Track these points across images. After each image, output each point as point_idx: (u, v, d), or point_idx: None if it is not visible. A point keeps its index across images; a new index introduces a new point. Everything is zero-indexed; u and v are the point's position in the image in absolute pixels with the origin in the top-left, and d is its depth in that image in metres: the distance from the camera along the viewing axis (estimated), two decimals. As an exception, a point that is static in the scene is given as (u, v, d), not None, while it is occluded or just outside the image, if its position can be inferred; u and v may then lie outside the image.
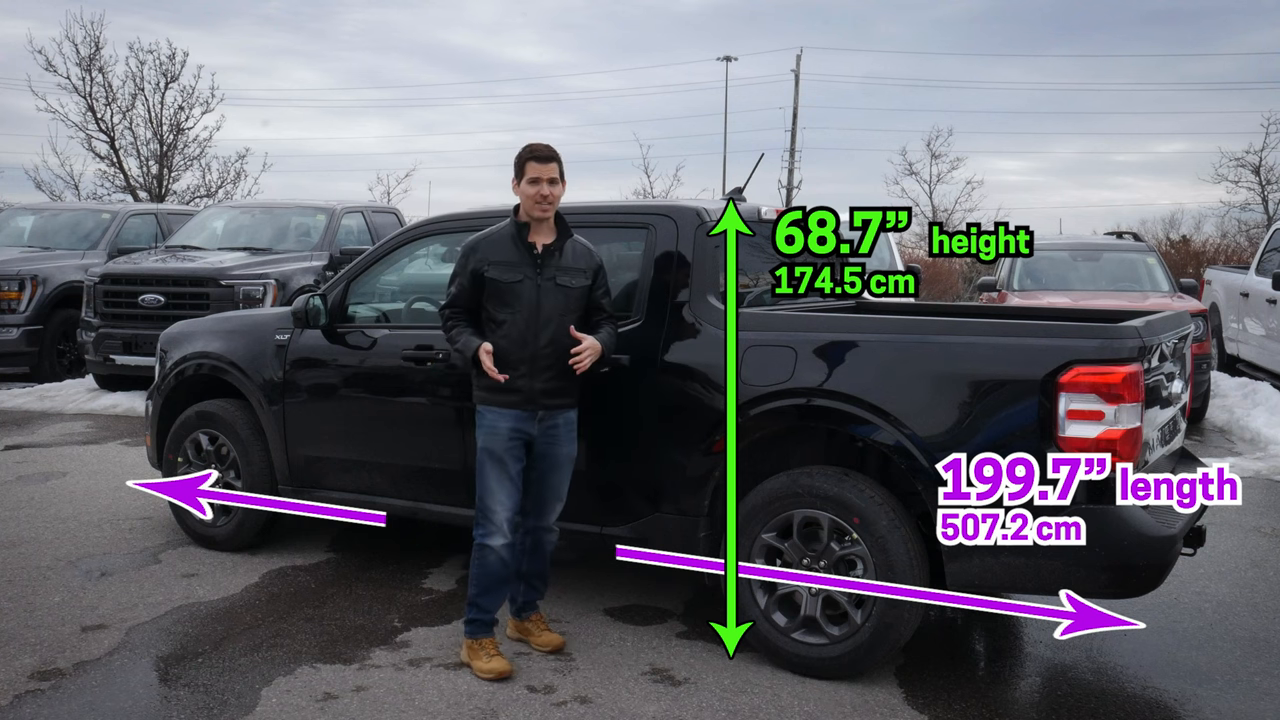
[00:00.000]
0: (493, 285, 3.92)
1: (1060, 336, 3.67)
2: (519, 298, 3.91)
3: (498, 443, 3.92)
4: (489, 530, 3.92)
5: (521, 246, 3.94)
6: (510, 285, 3.91)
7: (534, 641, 4.15)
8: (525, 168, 3.92)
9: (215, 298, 9.79)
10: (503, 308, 3.92)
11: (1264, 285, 10.50)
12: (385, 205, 14.58)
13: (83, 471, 7.21)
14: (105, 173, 25.75)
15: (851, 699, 3.73)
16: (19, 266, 11.17)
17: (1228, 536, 5.82)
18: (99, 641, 4.17)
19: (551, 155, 3.94)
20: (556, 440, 4.00)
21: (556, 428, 3.99)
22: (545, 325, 3.90)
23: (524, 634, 4.20)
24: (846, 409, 3.85)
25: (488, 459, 3.94)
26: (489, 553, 3.92)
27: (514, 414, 3.92)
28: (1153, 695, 3.86)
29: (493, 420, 3.93)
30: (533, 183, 3.90)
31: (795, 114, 34.42)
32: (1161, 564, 3.60)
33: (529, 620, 4.21)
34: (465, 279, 3.97)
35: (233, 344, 5.37)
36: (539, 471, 4.03)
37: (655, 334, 4.23)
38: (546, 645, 4.12)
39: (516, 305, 3.91)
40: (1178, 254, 22.40)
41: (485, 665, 3.88)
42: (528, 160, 3.92)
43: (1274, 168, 26.91)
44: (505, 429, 3.92)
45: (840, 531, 3.83)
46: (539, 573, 4.18)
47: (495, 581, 3.96)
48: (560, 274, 3.95)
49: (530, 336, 3.90)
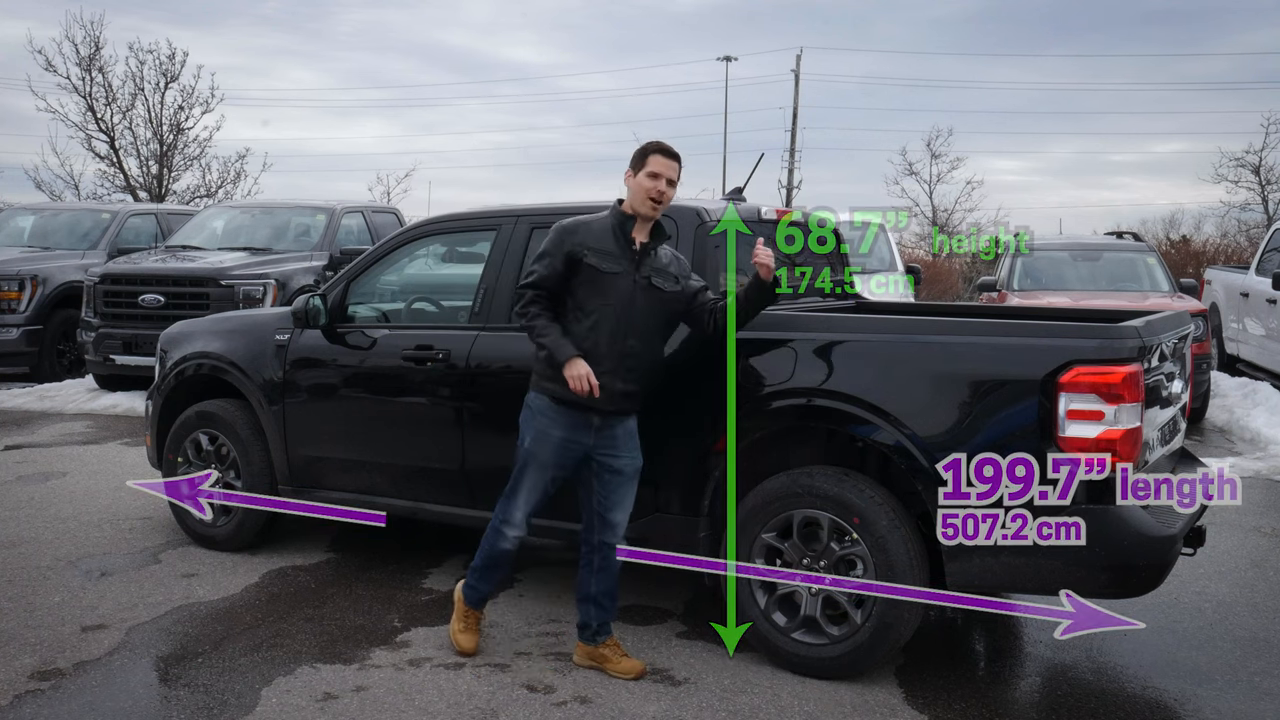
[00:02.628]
0: (589, 273, 3.73)
1: (1060, 336, 3.67)
2: (615, 290, 3.74)
3: (545, 448, 3.82)
4: (507, 520, 3.92)
5: (623, 239, 3.79)
6: (608, 275, 3.74)
7: (611, 669, 3.88)
8: (648, 160, 3.78)
9: (215, 298, 9.79)
10: (595, 297, 3.74)
11: (1264, 285, 10.50)
12: (385, 205, 14.58)
13: (83, 471, 7.21)
14: (105, 173, 25.83)
15: (851, 699, 3.73)
16: (19, 266, 11.17)
17: (1228, 536, 5.82)
18: (99, 641, 4.17)
19: (676, 155, 3.83)
20: (618, 451, 3.84)
21: (616, 438, 3.83)
22: (634, 323, 3.76)
23: (599, 661, 3.92)
24: (846, 409, 3.85)
25: (529, 460, 3.84)
26: (500, 538, 3.94)
27: (569, 420, 3.78)
28: (1153, 695, 3.86)
29: (546, 425, 3.80)
30: (652, 176, 3.76)
31: (795, 114, 34.45)
32: (1161, 564, 3.60)
33: (604, 645, 3.93)
34: (558, 260, 3.75)
35: (233, 344, 5.37)
36: (603, 484, 3.86)
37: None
38: (629, 672, 3.86)
39: (612, 297, 3.73)
40: (1178, 254, 22.41)
41: (460, 633, 4.07)
42: (653, 153, 3.79)
43: (1274, 168, 26.99)
44: (558, 437, 3.79)
45: (840, 531, 3.83)
46: (608, 592, 3.94)
47: (498, 563, 4.00)
48: (655, 275, 3.80)
49: (620, 333, 3.74)
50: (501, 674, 3.91)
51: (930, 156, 33.18)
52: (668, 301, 3.86)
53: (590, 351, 3.72)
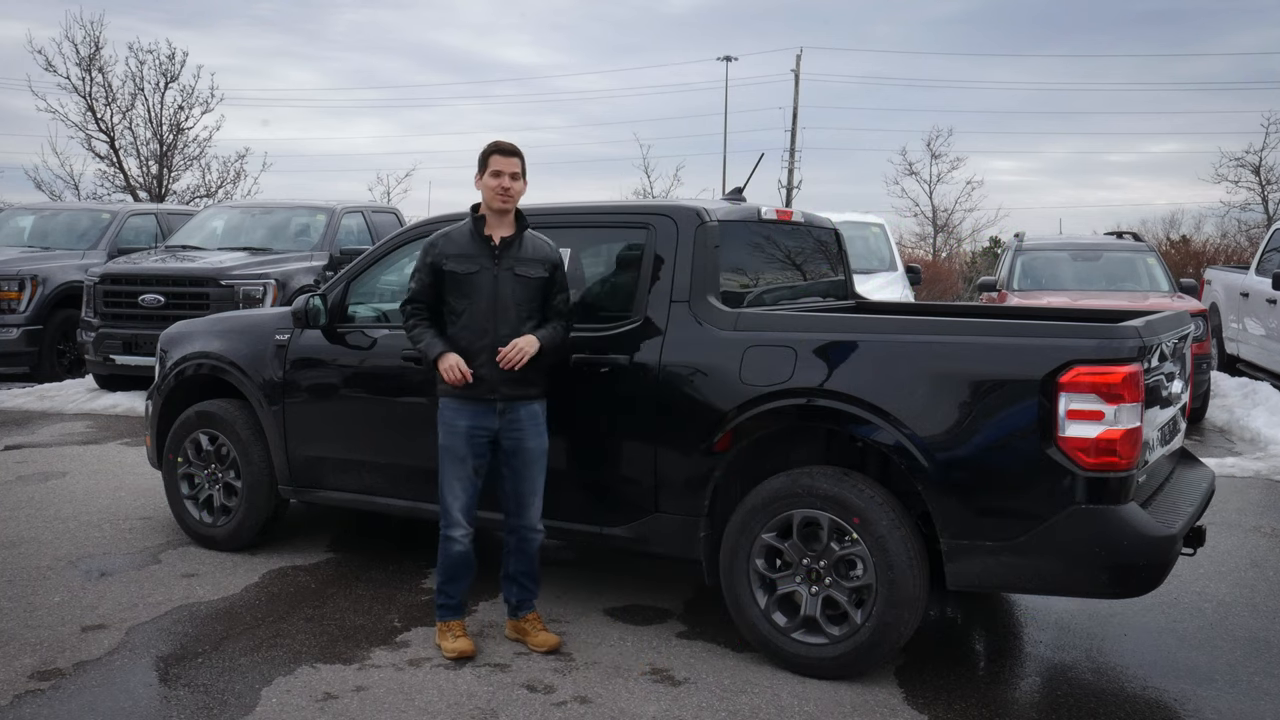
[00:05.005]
0: (451, 278, 4.01)
1: (1060, 336, 3.67)
2: (476, 288, 3.99)
3: (455, 440, 4.01)
4: (448, 522, 4.05)
5: (479, 239, 4.03)
6: (467, 276, 4.00)
7: (530, 641, 4.15)
8: (489, 161, 4.02)
9: (215, 298, 9.79)
10: (461, 298, 4.01)
11: (1264, 285, 10.50)
12: (385, 205, 14.58)
13: (83, 471, 7.21)
14: (105, 173, 25.79)
15: (851, 699, 3.73)
16: (19, 266, 11.16)
17: (1228, 536, 5.82)
18: (99, 641, 4.17)
19: (514, 151, 4.05)
20: (522, 433, 4.04)
21: (519, 420, 4.03)
22: (504, 314, 3.99)
23: (520, 634, 4.20)
24: (846, 409, 3.85)
25: (445, 455, 4.03)
26: (450, 543, 4.05)
27: (471, 410, 3.98)
28: (1153, 695, 3.86)
29: (451, 418, 4.01)
30: (495, 175, 4.00)
31: (795, 114, 34.44)
32: (1161, 564, 3.60)
33: (524, 620, 4.21)
34: (425, 274, 4.06)
35: (233, 344, 5.37)
36: (511, 468, 4.08)
37: (655, 334, 4.23)
38: (542, 645, 4.13)
39: (474, 295, 3.99)
40: (1178, 254, 22.40)
41: (450, 645, 4.05)
42: (491, 154, 4.03)
43: (1274, 168, 26.99)
44: (464, 426, 3.99)
45: (840, 531, 3.83)
46: (527, 572, 4.18)
47: (458, 569, 4.09)
48: (518, 265, 4.02)
49: (489, 325, 3.98)
50: (501, 674, 3.91)
51: (930, 156, 33.25)
52: (537, 288, 4.06)
53: (466, 348, 3.97)
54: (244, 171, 26.73)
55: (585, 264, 4.69)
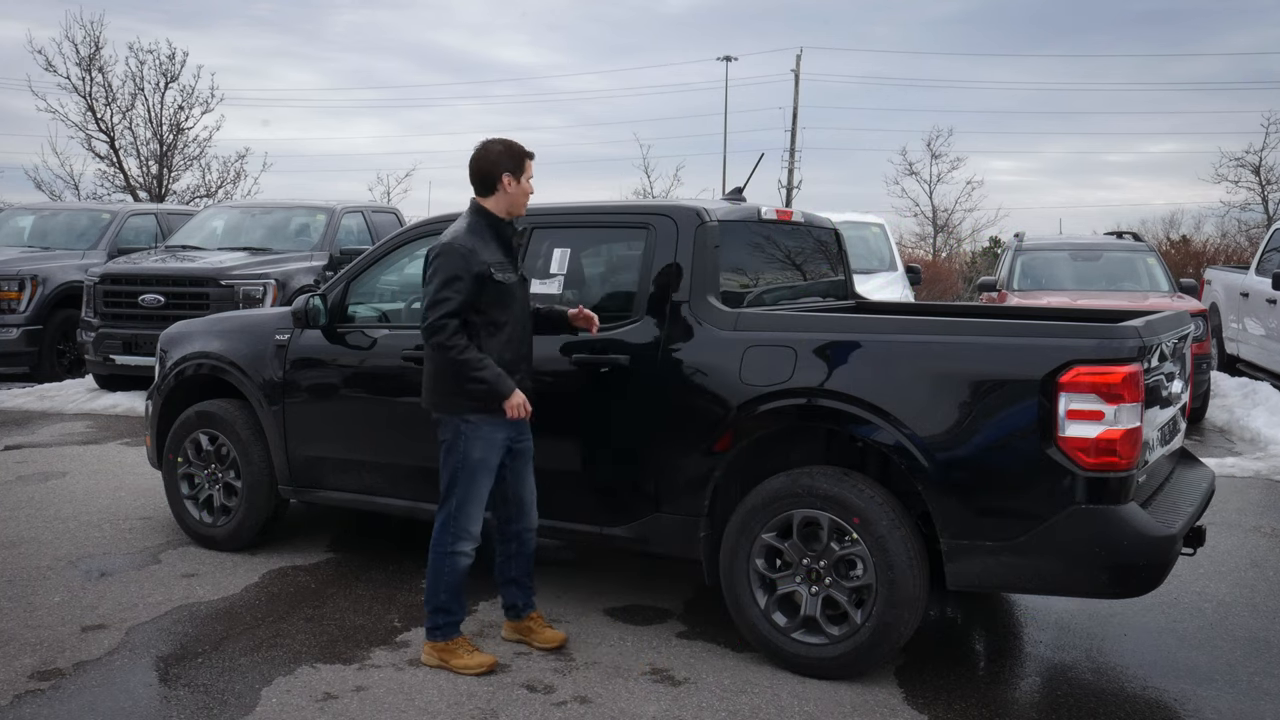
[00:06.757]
0: (496, 288, 3.81)
1: (1060, 336, 3.67)
2: (515, 298, 3.90)
3: (492, 453, 3.88)
4: (464, 537, 3.88)
5: (507, 245, 3.92)
6: (510, 286, 3.87)
7: (536, 640, 4.12)
8: (526, 166, 3.92)
9: (215, 298, 9.79)
10: (503, 310, 3.84)
11: (1264, 285, 10.50)
12: (385, 205, 14.58)
13: (83, 471, 7.21)
14: (105, 173, 25.80)
15: (851, 699, 3.73)
16: (19, 266, 11.16)
17: (1228, 536, 5.82)
18: (99, 641, 4.17)
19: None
20: (525, 434, 4.00)
21: (523, 422, 3.95)
22: (528, 323, 4.00)
23: (524, 634, 4.16)
24: (846, 409, 3.85)
25: (479, 469, 3.86)
26: (458, 559, 3.89)
27: (505, 420, 3.84)
28: (1153, 695, 3.86)
29: (489, 432, 3.84)
30: (529, 180, 3.94)
31: (795, 114, 34.44)
32: (1161, 564, 3.60)
33: (529, 619, 4.17)
34: (468, 283, 3.73)
35: (233, 344, 5.37)
36: (513, 471, 4.01)
37: (655, 333, 4.23)
38: (550, 642, 4.09)
39: (513, 306, 3.89)
40: (1178, 254, 22.40)
41: (473, 661, 3.89)
42: (529, 159, 3.94)
43: (1274, 168, 27.00)
44: (502, 438, 3.89)
45: (840, 531, 3.83)
46: (529, 572, 4.15)
47: (462, 583, 3.96)
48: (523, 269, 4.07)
49: (525, 336, 3.95)
50: (501, 674, 3.91)
51: (930, 156, 33.26)
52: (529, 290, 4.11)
53: (510, 363, 3.84)
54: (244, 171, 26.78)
55: (585, 264, 4.69)
